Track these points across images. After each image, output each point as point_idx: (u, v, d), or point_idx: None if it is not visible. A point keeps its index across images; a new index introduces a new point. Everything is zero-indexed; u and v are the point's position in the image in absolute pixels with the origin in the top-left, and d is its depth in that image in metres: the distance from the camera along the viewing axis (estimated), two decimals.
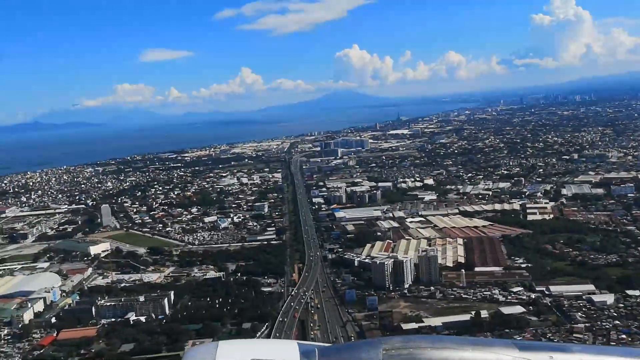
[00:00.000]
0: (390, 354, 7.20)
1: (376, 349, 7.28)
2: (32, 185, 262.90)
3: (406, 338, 7.48)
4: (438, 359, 7.17)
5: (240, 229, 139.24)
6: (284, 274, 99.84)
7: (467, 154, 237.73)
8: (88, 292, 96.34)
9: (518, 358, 7.16)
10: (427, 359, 7.17)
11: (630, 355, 7.51)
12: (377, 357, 7.19)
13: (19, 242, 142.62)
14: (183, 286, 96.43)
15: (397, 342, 7.42)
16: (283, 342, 8.62)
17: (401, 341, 7.47)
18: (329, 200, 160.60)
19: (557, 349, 7.48)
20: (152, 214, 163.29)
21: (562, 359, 7.23)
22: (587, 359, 7.26)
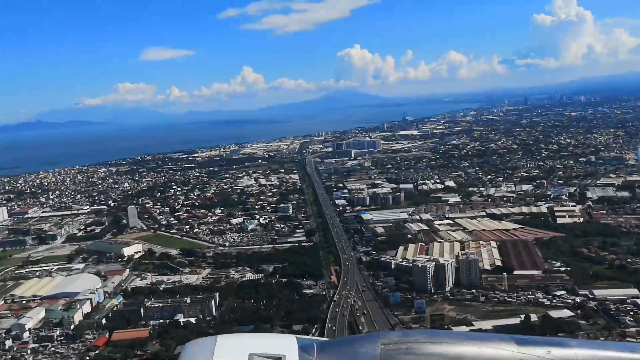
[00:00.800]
0: (388, 348, 7.25)
1: (374, 344, 7.32)
2: (47, 185, 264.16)
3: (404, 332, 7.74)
4: (436, 354, 7.21)
5: (268, 230, 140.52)
6: (322, 276, 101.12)
7: (482, 155, 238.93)
8: (131, 294, 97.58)
9: (516, 353, 7.22)
10: (425, 354, 7.20)
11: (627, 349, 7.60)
12: (375, 352, 7.24)
13: (48, 243, 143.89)
14: (224, 288, 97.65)
15: (395, 337, 7.55)
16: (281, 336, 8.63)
17: (399, 335, 7.61)
18: (352, 202, 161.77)
19: (555, 343, 7.54)
20: (177, 215, 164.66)
21: (560, 354, 7.29)
22: (584, 353, 7.34)
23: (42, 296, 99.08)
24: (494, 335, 7.72)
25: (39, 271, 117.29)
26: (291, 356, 7.42)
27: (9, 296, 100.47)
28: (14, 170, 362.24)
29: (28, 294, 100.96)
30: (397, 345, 7.26)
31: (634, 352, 7.47)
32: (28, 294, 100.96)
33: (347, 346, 7.80)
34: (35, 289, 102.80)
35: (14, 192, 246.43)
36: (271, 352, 7.42)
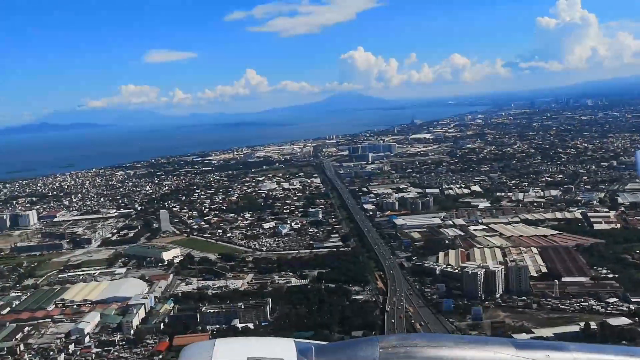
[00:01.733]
0: (387, 352, 7.25)
1: (373, 347, 7.34)
2: (67, 188, 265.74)
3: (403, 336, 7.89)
4: (435, 357, 7.22)
5: (302, 235, 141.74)
6: (367, 282, 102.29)
7: (501, 159, 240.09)
8: (181, 298, 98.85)
9: (515, 357, 7.23)
10: (424, 357, 7.22)
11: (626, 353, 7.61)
12: (374, 355, 7.24)
13: (83, 247, 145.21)
14: (272, 293, 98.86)
15: (394, 340, 7.52)
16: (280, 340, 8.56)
17: (398, 339, 7.57)
18: (381, 207, 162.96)
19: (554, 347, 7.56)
20: (207, 219, 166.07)
21: (559, 358, 7.32)
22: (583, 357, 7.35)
23: (92, 300, 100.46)
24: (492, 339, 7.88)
25: (82, 275, 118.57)
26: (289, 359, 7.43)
27: (60, 300, 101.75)
28: (29, 173, 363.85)
29: (78, 298, 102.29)
30: (396, 349, 7.30)
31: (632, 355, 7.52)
32: (78, 298, 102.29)
33: (345, 350, 7.84)
34: (85, 294, 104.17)
35: (35, 195, 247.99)
36: (269, 356, 7.45)
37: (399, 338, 7.60)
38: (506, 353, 7.23)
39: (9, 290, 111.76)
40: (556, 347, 7.56)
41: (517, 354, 7.23)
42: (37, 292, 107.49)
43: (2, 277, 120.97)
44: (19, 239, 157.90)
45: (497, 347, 7.36)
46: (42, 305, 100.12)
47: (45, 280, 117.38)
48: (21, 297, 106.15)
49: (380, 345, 7.34)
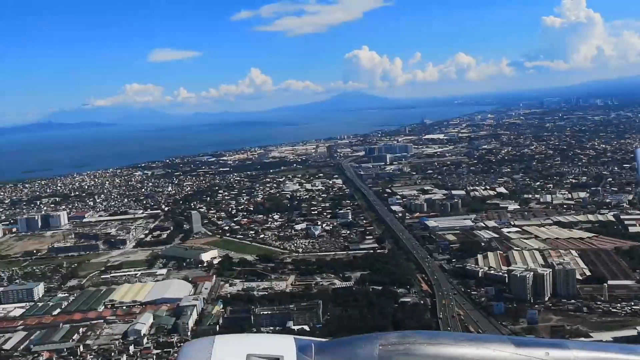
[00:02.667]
0: (386, 349, 7.27)
1: (373, 344, 7.36)
2: (87, 188, 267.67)
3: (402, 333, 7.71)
4: (434, 355, 7.25)
5: (335, 237, 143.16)
6: (411, 284, 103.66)
7: (520, 161, 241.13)
8: (230, 300, 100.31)
9: (514, 354, 7.26)
10: (423, 355, 7.24)
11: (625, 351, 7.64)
12: (373, 353, 7.25)
13: (119, 247, 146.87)
14: (318, 295, 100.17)
15: (394, 338, 7.55)
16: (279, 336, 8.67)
17: (397, 336, 7.61)
18: (409, 209, 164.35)
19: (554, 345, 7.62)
20: (236, 221, 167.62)
21: (559, 355, 7.34)
22: (583, 355, 7.38)
23: (141, 302, 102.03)
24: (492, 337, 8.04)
25: (124, 276, 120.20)
26: (289, 357, 7.47)
27: (108, 301, 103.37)
28: (46, 173, 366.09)
29: (126, 299, 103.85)
30: (395, 347, 7.34)
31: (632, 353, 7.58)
32: (126, 299, 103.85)
33: (345, 347, 7.85)
34: (132, 295, 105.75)
35: (57, 195, 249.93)
36: (269, 353, 7.48)
37: (399, 335, 7.72)
38: (505, 351, 7.29)
39: (54, 291, 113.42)
40: (555, 344, 7.66)
41: (516, 352, 7.30)
42: (84, 293, 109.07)
43: (44, 278, 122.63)
44: (55, 239, 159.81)
45: (496, 344, 7.42)
46: (92, 306, 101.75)
47: (89, 281, 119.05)
48: (69, 298, 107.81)
49: (380, 342, 7.41)
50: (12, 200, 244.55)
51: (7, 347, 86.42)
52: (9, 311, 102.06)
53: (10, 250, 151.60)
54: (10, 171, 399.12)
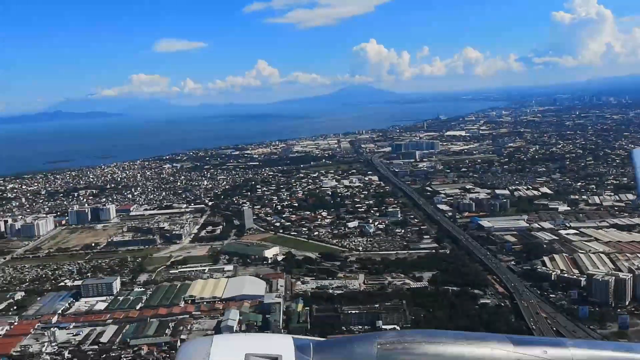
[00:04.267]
0: (385, 348, 7.30)
1: (371, 344, 7.40)
2: (120, 180, 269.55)
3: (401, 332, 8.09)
4: (433, 354, 7.27)
5: (391, 235, 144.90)
6: (485, 285, 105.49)
7: (551, 160, 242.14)
8: (310, 298, 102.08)
9: (512, 353, 7.32)
10: (422, 353, 7.27)
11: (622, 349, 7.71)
12: (371, 352, 7.28)
13: (175, 242, 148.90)
14: (394, 294, 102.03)
15: (392, 337, 7.61)
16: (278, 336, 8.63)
17: (396, 335, 7.72)
18: (457, 208, 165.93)
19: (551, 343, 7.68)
20: (285, 217, 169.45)
21: (556, 354, 7.39)
22: (580, 353, 7.43)
23: (221, 298, 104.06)
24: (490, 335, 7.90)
25: (192, 272, 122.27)
26: (288, 356, 7.47)
27: (188, 297, 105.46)
28: (70, 163, 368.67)
29: (205, 295, 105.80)
30: (394, 345, 7.38)
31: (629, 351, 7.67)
32: (205, 295, 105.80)
33: (344, 346, 7.89)
34: (210, 290, 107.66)
35: (92, 187, 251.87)
36: (268, 352, 7.50)
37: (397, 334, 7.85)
38: (504, 349, 7.37)
39: (129, 285, 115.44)
40: (554, 343, 7.75)
41: (514, 350, 7.38)
42: (160, 288, 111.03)
43: (113, 272, 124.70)
44: (107, 233, 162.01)
45: (495, 343, 7.49)
46: (173, 302, 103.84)
47: (159, 275, 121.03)
48: (146, 292, 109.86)
49: (378, 341, 7.45)
50: (48, 191, 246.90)
51: (104, 340, 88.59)
52: (92, 305, 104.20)
53: (67, 243, 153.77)
54: (34, 161, 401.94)
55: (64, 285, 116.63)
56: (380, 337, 7.60)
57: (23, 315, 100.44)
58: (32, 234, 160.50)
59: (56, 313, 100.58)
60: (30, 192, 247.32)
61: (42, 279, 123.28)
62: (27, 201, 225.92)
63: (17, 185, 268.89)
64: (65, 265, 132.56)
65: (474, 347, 7.39)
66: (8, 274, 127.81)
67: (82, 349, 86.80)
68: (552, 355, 7.40)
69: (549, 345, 7.61)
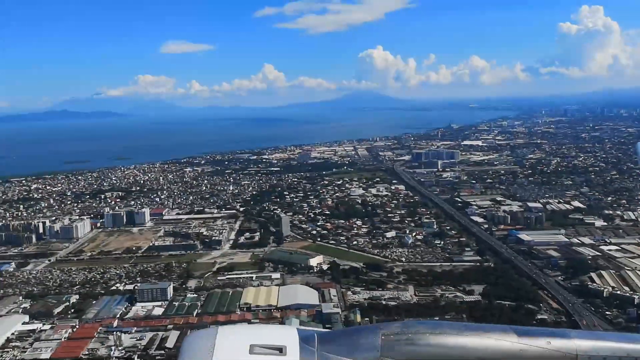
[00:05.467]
0: (389, 339, 7.32)
1: (375, 334, 7.41)
2: (143, 183, 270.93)
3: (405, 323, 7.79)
4: (437, 344, 7.31)
5: (431, 246, 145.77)
6: (538, 300, 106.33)
7: (576, 173, 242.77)
8: (367, 309, 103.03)
9: (516, 343, 7.33)
10: (425, 344, 7.31)
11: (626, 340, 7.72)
12: (375, 342, 7.31)
13: (216, 248, 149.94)
14: (450, 307, 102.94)
15: (396, 328, 7.60)
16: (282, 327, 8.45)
17: (400, 326, 7.66)
18: (492, 220, 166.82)
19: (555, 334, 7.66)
20: (320, 225, 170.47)
21: (560, 344, 7.42)
22: (584, 344, 7.45)
23: (277, 306, 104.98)
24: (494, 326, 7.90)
25: (240, 279, 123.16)
26: (292, 347, 7.53)
27: (243, 304, 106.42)
28: (87, 165, 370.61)
29: (260, 302, 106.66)
30: (398, 336, 7.41)
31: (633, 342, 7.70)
32: (260, 302, 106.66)
33: (348, 337, 7.93)
34: (263, 298, 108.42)
35: (117, 189, 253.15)
36: (272, 343, 7.55)
37: (401, 325, 7.81)
38: (508, 340, 7.40)
39: (179, 291, 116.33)
40: (557, 334, 7.74)
41: (518, 341, 7.42)
42: (213, 295, 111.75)
43: (160, 277, 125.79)
44: (144, 237, 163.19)
45: (498, 334, 7.52)
46: (229, 309, 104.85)
47: (206, 281, 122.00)
48: (199, 298, 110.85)
49: (382, 332, 7.48)
50: (73, 193, 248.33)
51: (170, 346, 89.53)
52: (149, 309, 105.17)
53: (108, 246, 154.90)
54: (50, 160, 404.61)
55: (115, 289, 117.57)
56: (384, 327, 7.66)
57: (83, 319, 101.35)
58: (70, 236, 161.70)
59: (115, 317, 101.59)
60: (56, 193, 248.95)
61: (92, 282, 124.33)
62: (55, 202, 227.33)
63: (41, 186, 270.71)
64: (111, 268, 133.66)
65: (477, 338, 7.45)
66: (56, 276, 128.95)
67: (149, 354, 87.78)
68: (556, 346, 7.44)
69: (553, 336, 7.65)
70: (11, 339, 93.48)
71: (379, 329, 7.60)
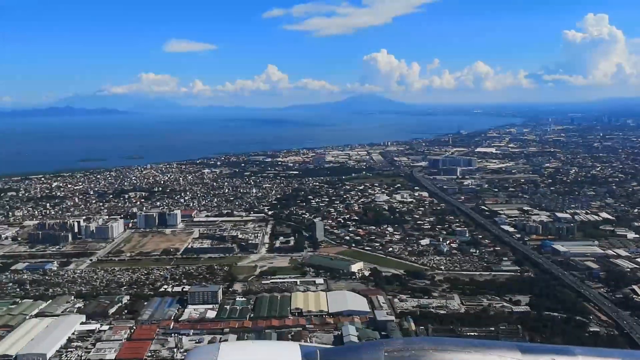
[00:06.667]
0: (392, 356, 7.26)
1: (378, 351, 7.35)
2: (163, 183, 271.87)
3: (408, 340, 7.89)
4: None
5: (467, 255, 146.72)
6: (586, 312, 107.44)
7: (595, 183, 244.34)
8: (419, 317, 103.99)
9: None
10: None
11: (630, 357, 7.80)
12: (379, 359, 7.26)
13: (253, 252, 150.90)
14: (500, 318, 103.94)
15: (399, 344, 7.54)
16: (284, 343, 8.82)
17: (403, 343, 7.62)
18: (524, 230, 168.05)
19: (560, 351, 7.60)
20: (352, 230, 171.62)
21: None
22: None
23: (328, 312, 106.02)
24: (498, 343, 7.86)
25: (285, 283, 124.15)
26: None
27: (294, 309, 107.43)
28: (102, 163, 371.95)
29: (311, 308, 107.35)
30: (401, 353, 7.34)
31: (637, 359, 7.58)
32: (311, 308, 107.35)
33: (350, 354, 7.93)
34: (313, 304, 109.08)
35: (138, 189, 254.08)
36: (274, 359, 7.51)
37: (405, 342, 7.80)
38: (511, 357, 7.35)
39: (226, 294, 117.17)
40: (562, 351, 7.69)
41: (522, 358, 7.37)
42: (262, 299, 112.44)
43: (205, 279, 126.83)
44: (179, 238, 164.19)
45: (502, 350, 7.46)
46: (281, 313, 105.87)
47: (251, 285, 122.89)
48: (249, 302, 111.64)
49: (385, 349, 7.43)
50: (96, 192, 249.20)
51: None
52: (202, 312, 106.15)
53: (144, 247, 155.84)
54: (66, 158, 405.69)
55: (164, 291, 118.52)
56: (387, 344, 7.61)
57: (139, 320, 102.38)
58: (106, 235, 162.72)
59: (171, 319, 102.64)
60: (78, 192, 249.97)
61: (138, 283, 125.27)
62: (80, 201, 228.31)
63: (62, 184, 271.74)
64: (153, 269, 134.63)
65: (481, 355, 7.41)
66: (101, 276, 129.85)
67: None
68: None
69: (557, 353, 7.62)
70: (72, 339, 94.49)
71: (382, 345, 7.58)
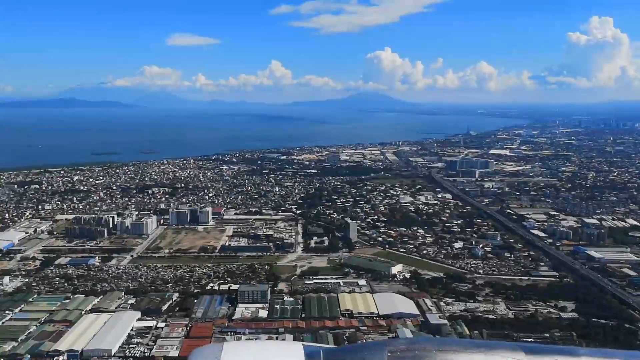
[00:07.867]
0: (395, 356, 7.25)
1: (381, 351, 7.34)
2: (184, 179, 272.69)
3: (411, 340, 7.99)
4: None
5: (503, 259, 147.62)
6: (634, 320, 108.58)
7: (615, 188, 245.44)
8: (470, 321, 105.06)
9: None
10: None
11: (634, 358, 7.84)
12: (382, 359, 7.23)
13: (289, 251, 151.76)
14: (551, 324, 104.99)
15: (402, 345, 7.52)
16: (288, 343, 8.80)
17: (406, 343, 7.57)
18: (554, 235, 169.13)
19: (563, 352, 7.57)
20: (383, 232, 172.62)
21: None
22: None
23: (379, 314, 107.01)
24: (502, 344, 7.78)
25: (329, 284, 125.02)
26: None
27: (344, 310, 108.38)
28: (116, 157, 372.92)
29: (361, 310, 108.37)
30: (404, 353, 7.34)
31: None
32: (361, 310, 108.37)
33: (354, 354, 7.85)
34: (362, 305, 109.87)
35: (159, 184, 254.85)
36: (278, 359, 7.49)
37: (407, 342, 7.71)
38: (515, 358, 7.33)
39: (273, 294, 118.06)
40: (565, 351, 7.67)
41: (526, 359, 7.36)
42: (311, 299, 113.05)
43: (248, 279, 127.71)
44: (213, 236, 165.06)
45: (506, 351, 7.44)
46: (331, 314, 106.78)
47: (294, 285, 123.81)
48: (297, 302, 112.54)
49: (388, 349, 7.42)
50: (119, 187, 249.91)
51: None
52: (254, 312, 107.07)
53: (181, 244, 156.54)
54: (78, 151, 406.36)
55: (210, 289, 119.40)
56: (390, 344, 7.59)
57: (192, 318, 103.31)
58: (140, 231, 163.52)
59: (224, 317, 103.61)
60: (101, 186, 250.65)
61: (184, 280, 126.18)
62: (106, 195, 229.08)
63: (82, 178, 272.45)
64: (195, 267, 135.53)
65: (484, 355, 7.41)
66: (145, 272, 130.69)
67: None
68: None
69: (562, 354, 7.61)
70: (132, 335, 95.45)
71: (385, 346, 7.59)
